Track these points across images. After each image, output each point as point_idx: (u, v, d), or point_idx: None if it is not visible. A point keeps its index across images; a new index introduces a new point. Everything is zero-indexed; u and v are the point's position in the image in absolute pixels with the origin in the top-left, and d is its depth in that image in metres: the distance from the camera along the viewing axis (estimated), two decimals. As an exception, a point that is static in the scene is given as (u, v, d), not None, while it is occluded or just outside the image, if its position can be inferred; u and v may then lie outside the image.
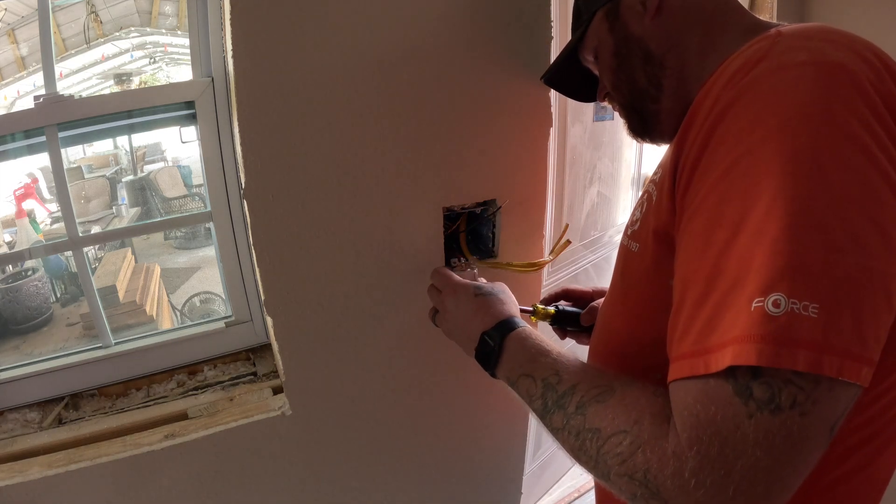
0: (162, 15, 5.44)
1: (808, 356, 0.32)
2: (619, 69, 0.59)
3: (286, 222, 0.73)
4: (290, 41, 0.65)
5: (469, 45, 0.75)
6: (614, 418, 0.41)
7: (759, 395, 0.33)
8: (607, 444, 0.41)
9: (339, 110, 0.70)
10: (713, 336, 0.36)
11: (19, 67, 4.68)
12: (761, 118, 0.38)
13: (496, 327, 0.60)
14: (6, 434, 0.80)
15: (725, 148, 0.40)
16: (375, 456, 0.94)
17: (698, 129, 0.43)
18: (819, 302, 0.33)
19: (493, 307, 0.64)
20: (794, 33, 0.44)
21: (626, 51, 0.57)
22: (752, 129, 0.39)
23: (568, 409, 0.46)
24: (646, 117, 0.59)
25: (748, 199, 0.37)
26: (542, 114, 0.83)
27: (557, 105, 1.37)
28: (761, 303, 0.33)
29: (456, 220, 0.87)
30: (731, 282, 0.36)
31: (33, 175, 5.00)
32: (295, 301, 0.77)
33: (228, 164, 0.84)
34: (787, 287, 0.33)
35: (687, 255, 0.41)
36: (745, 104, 0.40)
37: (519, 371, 0.54)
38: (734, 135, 0.40)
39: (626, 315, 0.58)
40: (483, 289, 0.67)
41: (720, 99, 0.42)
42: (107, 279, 3.44)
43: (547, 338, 0.57)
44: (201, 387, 0.91)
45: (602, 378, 0.47)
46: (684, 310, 0.39)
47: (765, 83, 0.40)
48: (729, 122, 0.41)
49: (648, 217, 0.52)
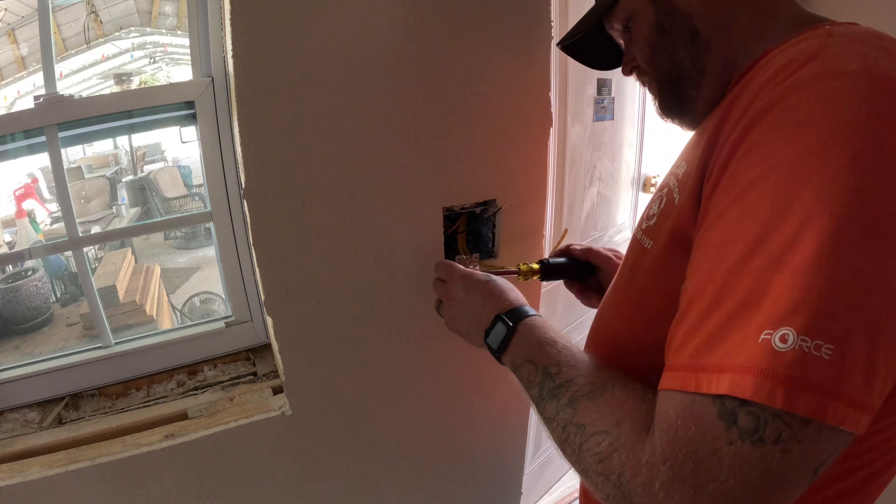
0: (162, 15, 5.44)
1: (812, 400, 0.31)
2: (658, 45, 0.54)
3: (286, 222, 0.73)
4: (290, 41, 0.65)
5: (469, 45, 0.75)
6: (599, 417, 0.42)
7: (744, 424, 0.32)
8: (589, 441, 0.41)
9: (339, 110, 0.70)
10: (711, 355, 0.35)
11: (19, 67, 4.68)
12: (801, 129, 0.35)
13: (511, 311, 0.60)
14: (6, 434, 0.80)
15: (758, 156, 0.37)
16: (375, 456, 0.94)
17: (732, 127, 0.40)
18: (835, 344, 0.31)
19: (505, 293, 0.64)
20: (848, 35, 0.40)
21: (670, 26, 0.52)
22: (790, 141, 0.35)
23: (561, 401, 0.47)
24: (682, 100, 0.55)
25: (774, 217, 0.34)
26: (542, 114, 0.83)
27: (557, 105, 1.37)
28: (770, 335, 0.32)
29: (456, 220, 0.87)
30: (741, 303, 0.34)
31: (33, 175, 5.00)
32: (295, 301, 0.77)
33: (228, 164, 0.84)
34: (801, 323, 0.31)
35: (700, 263, 0.40)
36: (785, 109, 0.37)
37: (524, 356, 0.55)
38: (769, 143, 0.37)
39: (628, 313, 0.57)
40: (493, 276, 0.68)
41: (758, 98, 0.39)
42: (107, 279, 3.44)
43: (558, 331, 0.57)
44: (201, 387, 0.91)
45: (599, 375, 0.47)
46: (687, 319, 0.38)
47: (810, 89, 0.36)
48: (765, 126, 0.37)
49: (666, 214, 0.49)
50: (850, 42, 0.39)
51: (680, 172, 0.49)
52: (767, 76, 0.40)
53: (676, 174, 0.50)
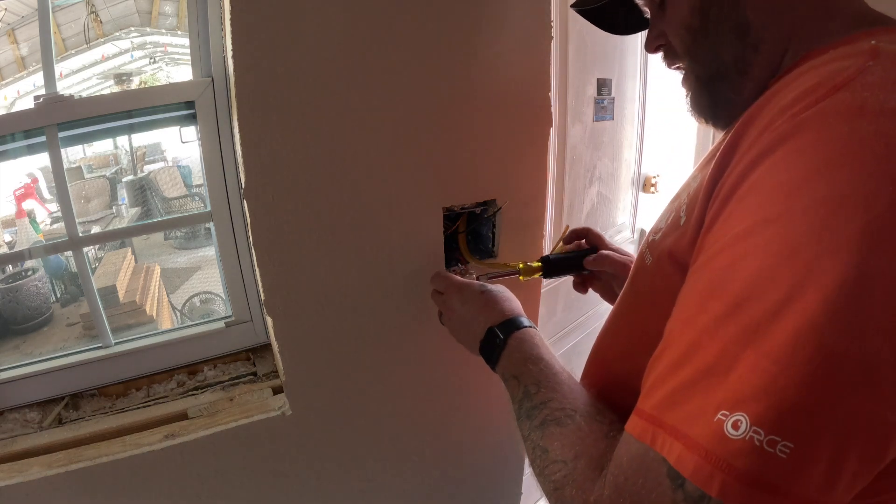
0: (162, 15, 5.44)
1: (751, 496, 0.28)
2: (699, 34, 0.46)
3: (286, 222, 0.73)
4: (290, 41, 0.65)
5: (469, 44, 0.75)
6: (562, 446, 0.43)
7: (690, 491, 0.30)
8: (550, 467, 0.42)
9: (338, 110, 0.70)
10: (671, 413, 0.33)
11: (19, 67, 4.68)
12: (810, 180, 0.30)
13: (504, 323, 0.60)
14: (6, 434, 0.80)
15: (756, 200, 0.32)
16: (375, 456, 0.94)
17: (741, 154, 0.35)
18: (795, 442, 0.27)
19: (499, 304, 0.64)
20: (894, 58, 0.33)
21: (718, 13, 0.44)
22: (797, 189, 0.30)
23: (533, 422, 0.48)
24: (717, 102, 0.49)
25: (759, 282, 0.30)
26: (542, 114, 0.83)
27: (557, 105, 1.37)
28: (725, 417, 0.29)
29: (456, 221, 0.87)
30: (706, 369, 0.31)
31: (33, 175, 5.00)
32: (295, 301, 0.77)
33: (228, 164, 0.84)
34: (757, 413, 0.28)
35: (682, 307, 0.37)
36: (797, 149, 0.31)
37: (511, 371, 0.56)
38: (771, 189, 0.32)
39: (625, 331, 0.55)
40: (488, 286, 0.68)
41: (773, 126, 0.33)
42: (107, 279, 3.45)
43: (547, 346, 0.57)
44: (201, 387, 0.91)
45: (573, 401, 0.48)
46: (661, 362, 0.36)
47: (831, 128, 0.30)
48: (772, 165, 0.32)
49: (670, 233, 0.46)
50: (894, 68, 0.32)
51: (692, 187, 0.45)
52: (788, 100, 0.34)
53: (689, 187, 0.46)
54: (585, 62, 1.44)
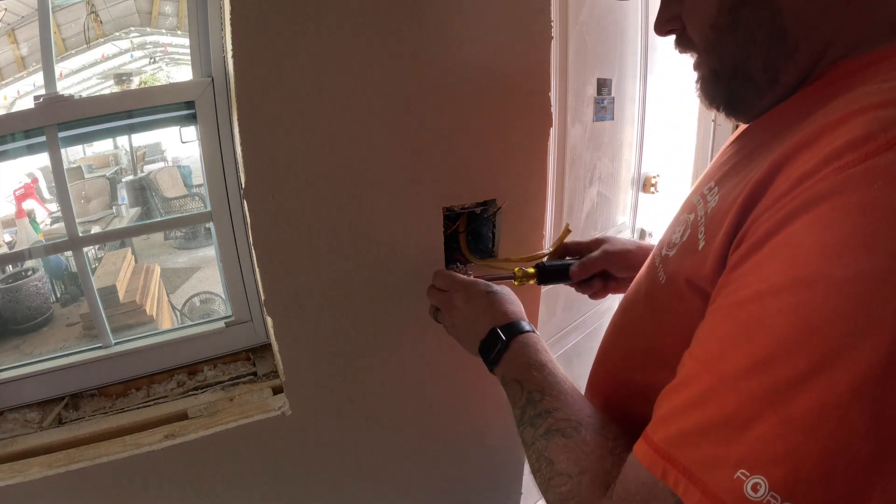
0: (162, 15, 5.44)
1: None
2: (726, 33, 0.43)
3: (286, 222, 0.73)
4: (290, 41, 0.65)
5: (469, 44, 0.75)
6: (567, 458, 0.43)
7: None
8: (555, 479, 0.43)
9: (338, 110, 0.70)
10: (684, 452, 0.33)
11: (19, 67, 4.68)
12: (853, 246, 0.28)
13: (508, 326, 0.60)
14: (6, 434, 0.80)
15: (792, 255, 0.31)
16: (375, 456, 0.94)
17: (781, 193, 0.33)
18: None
19: (504, 305, 0.64)
20: None
21: (751, 16, 0.41)
22: (837, 255, 0.29)
23: (538, 430, 0.47)
24: (735, 100, 0.46)
25: (788, 344, 0.30)
26: (542, 114, 0.83)
27: (557, 105, 1.37)
28: (745, 477, 0.29)
29: (456, 220, 0.87)
30: (724, 419, 0.31)
31: (33, 175, 5.00)
32: (295, 301, 0.77)
33: (228, 164, 0.84)
34: (777, 478, 0.28)
35: (702, 347, 0.36)
36: (843, 206, 0.29)
37: (513, 374, 0.55)
38: (811, 247, 0.30)
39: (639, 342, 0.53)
40: (493, 287, 0.68)
41: (818, 175, 0.31)
42: (107, 279, 3.45)
43: (549, 353, 0.57)
44: (201, 387, 0.91)
45: (578, 412, 0.47)
46: (676, 397, 0.36)
47: (883, 192, 0.28)
48: (814, 220, 0.30)
49: (685, 256, 0.43)
50: None
51: (712, 206, 0.42)
52: (837, 146, 0.31)
53: (706, 203, 0.43)
54: (585, 62, 1.44)
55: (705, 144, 1.93)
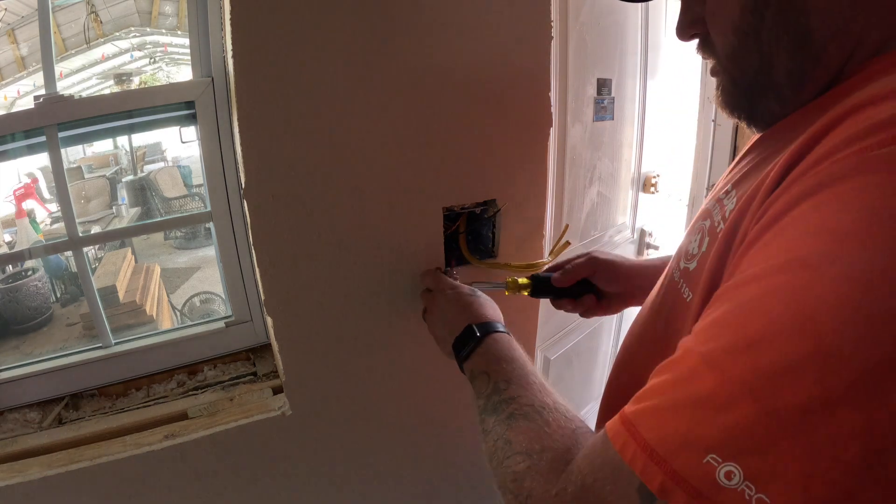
0: (162, 15, 5.44)
1: None
2: (749, 37, 0.40)
3: (286, 222, 0.73)
4: (290, 41, 0.65)
5: (469, 44, 0.75)
6: (527, 439, 0.42)
7: None
8: (512, 458, 0.42)
9: (338, 110, 0.70)
10: (650, 425, 0.31)
11: (19, 67, 4.68)
12: (862, 234, 0.26)
13: (484, 324, 0.61)
14: (6, 434, 0.80)
15: (800, 233, 0.29)
16: (375, 456, 0.94)
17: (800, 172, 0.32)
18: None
19: (483, 308, 0.66)
20: None
21: (775, 18, 0.38)
22: (845, 238, 0.27)
23: (500, 416, 0.47)
24: (758, 111, 0.44)
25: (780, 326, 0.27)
26: (542, 114, 0.83)
27: (557, 105, 1.37)
28: (717, 463, 0.27)
29: (456, 220, 0.87)
30: (699, 397, 0.29)
31: (33, 175, 5.00)
32: (295, 301, 0.77)
33: (228, 164, 0.84)
34: (753, 468, 0.27)
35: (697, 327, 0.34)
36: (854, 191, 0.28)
37: (482, 367, 0.55)
38: (819, 227, 0.28)
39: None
40: (478, 292, 0.70)
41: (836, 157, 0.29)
42: (107, 279, 3.44)
43: (522, 352, 0.57)
44: (201, 387, 0.91)
45: (541, 398, 0.47)
46: (658, 376, 0.34)
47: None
48: (828, 199, 0.29)
49: (707, 263, 0.41)
50: None
51: (729, 206, 0.40)
52: (860, 129, 0.29)
53: (721, 203, 0.42)
54: (585, 62, 1.44)
55: (705, 144, 1.93)
